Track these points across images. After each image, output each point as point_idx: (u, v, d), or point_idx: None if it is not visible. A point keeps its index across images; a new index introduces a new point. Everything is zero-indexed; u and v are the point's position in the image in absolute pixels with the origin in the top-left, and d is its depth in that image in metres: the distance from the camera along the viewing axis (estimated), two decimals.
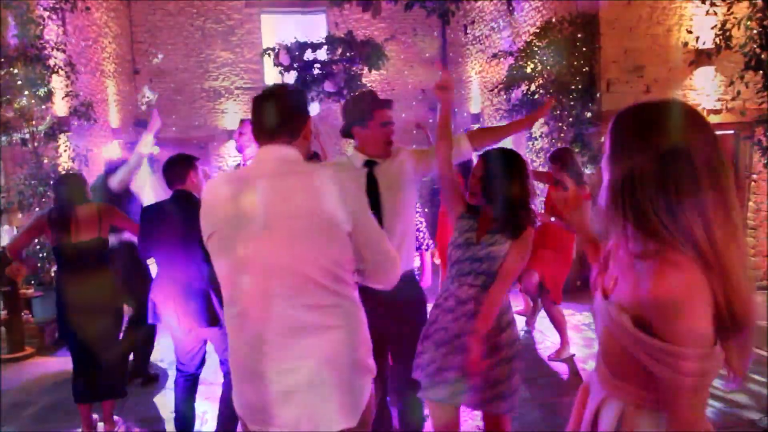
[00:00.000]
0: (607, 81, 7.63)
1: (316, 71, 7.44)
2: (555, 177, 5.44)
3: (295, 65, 7.45)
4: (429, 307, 2.94)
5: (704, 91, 7.83)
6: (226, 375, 3.63)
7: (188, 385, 3.62)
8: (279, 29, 12.72)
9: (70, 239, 3.88)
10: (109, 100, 10.41)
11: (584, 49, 7.55)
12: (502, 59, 9.02)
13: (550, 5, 8.59)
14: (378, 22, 12.94)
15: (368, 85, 8.09)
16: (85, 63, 9.19)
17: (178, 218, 3.37)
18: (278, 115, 1.96)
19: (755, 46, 4.09)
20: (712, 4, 4.29)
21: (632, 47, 7.62)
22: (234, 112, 12.64)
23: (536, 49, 8.07)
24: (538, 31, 8.12)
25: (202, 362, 3.70)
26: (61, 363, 5.84)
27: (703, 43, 7.57)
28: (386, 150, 2.91)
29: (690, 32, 7.07)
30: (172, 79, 12.36)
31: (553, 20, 8.00)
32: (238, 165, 5.02)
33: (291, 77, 7.93)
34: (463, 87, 12.62)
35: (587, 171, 7.74)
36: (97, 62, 9.93)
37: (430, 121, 13.06)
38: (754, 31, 4.08)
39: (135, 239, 4.01)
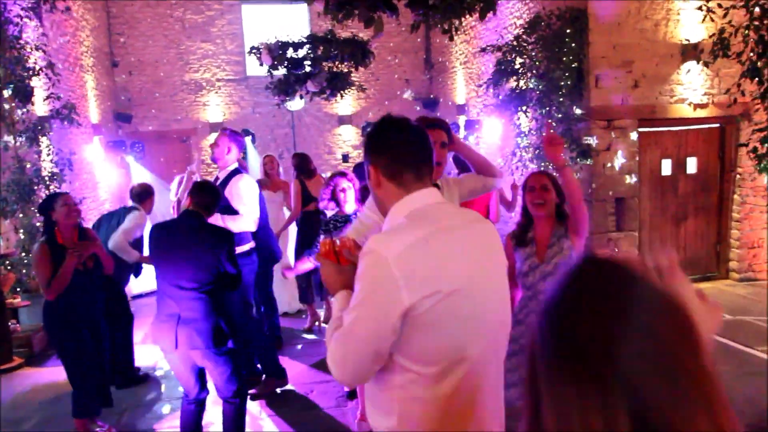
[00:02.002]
0: (596, 76, 7.62)
1: (306, 69, 7.34)
2: None
3: (284, 64, 7.34)
4: None
5: (691, 85, 7.87)
6: (226, 401, 3.59)
7: (192, 409, 3.58)
8: (261, 20, 12.53)
9: None
10: (89, 95, 10.18)
11: (573, 44, 7.53)
12: (486, 52, 8.96)
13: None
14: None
15: (355, 80, 8.01)
16: (63, 59, 8.95)
17: (193, 238, 3.36)
18: (426, 152, 1.73)
19: (752, 53, 4.09)
20: (709, 11, 4.27)
21: (620, 42, 7.61)
22: (216, 105, 12.45)
23: (524, 44, 8.03)
24: (526, 26, 8.07)
25: (204, 386, 3.65)
26: (52, 374, 5.75)
27: (687, 40, 7.63)
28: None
29: (688, 41, 7.11)
30: (152, 71, 12.12)
31: (541, 15, 7.94)
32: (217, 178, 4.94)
33: (280, 73, 7.82)
34: (448, 77, 12.57)
35: (576, 166, 7.77)
36: (75, 57, 9.69)
37: (417, 108, 13.00)
38: (752, 40, 4.07)
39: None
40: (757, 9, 3.99)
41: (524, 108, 8.13)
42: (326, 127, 13.15)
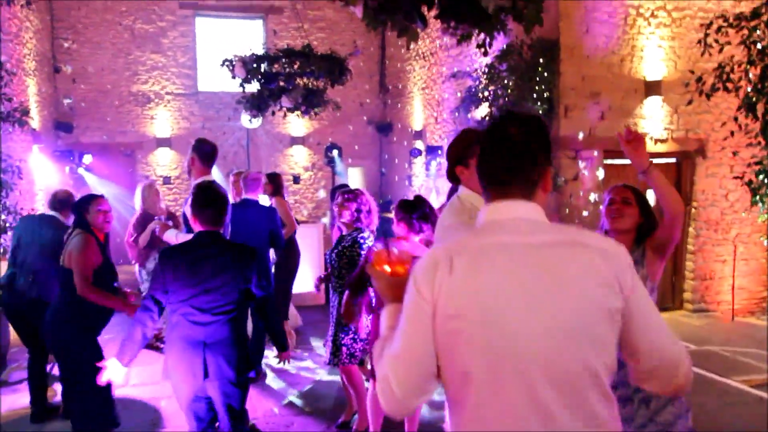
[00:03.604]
0: (565, 106, 7.74)
1: (280, 83, 7.08)
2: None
3: (257, 78, 7.06)
4: None
5: (652, 120, 8.11)
6: None
7: None
8: (215, 33, 12.18)
9: None
10: (30, 101, 9.52)
11: (545, 74, 7.63)
12: (457, 78, 8.99)
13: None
14: (317, 32, 12.67)
15: (328, 100, 7.81)
16: (5, 60, 8.34)
17: (220, 262, 3.06)
18: (510, 161, 1.55)
19: (749, 89, 4.20)
20: (707, 45, 4.38)
21: (589, 74, 7.77)
22: (164, 119, 11.94)
23: (496, 72, 8.09)
24: (498, 54, 8.12)
25: (215, 419, 3.28)
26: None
27: (643, 76, 7.89)
28: None
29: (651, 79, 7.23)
30: (98, 80, 11.52)
31: (513, 44, 8.01)
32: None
33: (252, 87, 7.53)
34: (405, 102, 12.55)
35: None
36: (18, 59, 9.06)
37: (370, 131, 12.87)
38: (750, 75, 4.19)
39: None
40: (758, 45, 4.10)
41: None
42: (278, 147, 12.85)
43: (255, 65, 7.06)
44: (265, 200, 6.25)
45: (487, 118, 8.17)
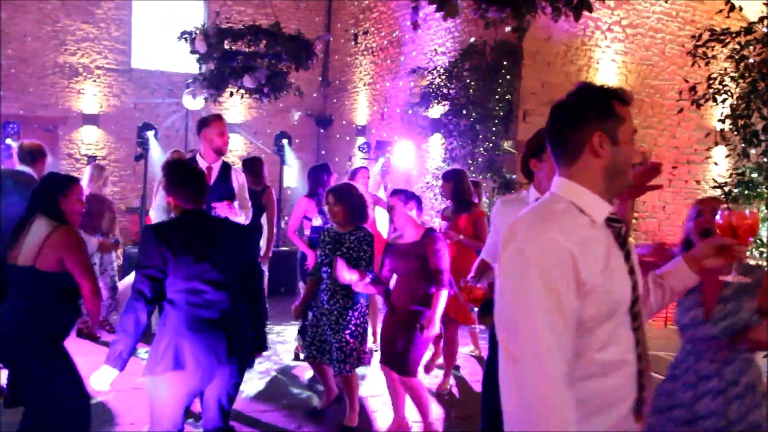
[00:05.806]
0: (524, 111, 7.80)
1: (239, 63, 6.65)
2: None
3: (214, 55, 6.61)
4: None
5: None
6: None
7: None
8: (152, 10, 11.50)
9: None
10: None
11: (508, 76, 7.65)
12: (417, 74, 8.90)
13: (466, 29, 8.62)
14: (261, 17, 12.22)
15: (293, 83, 7.45)
16: None
17: (205, 242, 2.74)
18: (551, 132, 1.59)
19: (739, 100, 4.33)
20: (695, 56, 4.49)
21: (549, 81, 7.88)
22: (92, 95, 11.12)
23: (457, 70, 8.05)
24: (461, 52, 8.09)
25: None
26: None
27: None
28: None
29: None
30: (19, 46, 10.56)
31: (477, 44, 8.00)
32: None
33: (208, 65, 7.05)
34: (348, 97, 12.33)
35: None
36: None
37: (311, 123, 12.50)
38: (738, 88, 4.34)
39: None
40: (750, 59, 4.24)
41: (453, 133, 8.10)
42: None
43: (215, 40, 6.60)
44: None
45: (449, 117, 8.11)
